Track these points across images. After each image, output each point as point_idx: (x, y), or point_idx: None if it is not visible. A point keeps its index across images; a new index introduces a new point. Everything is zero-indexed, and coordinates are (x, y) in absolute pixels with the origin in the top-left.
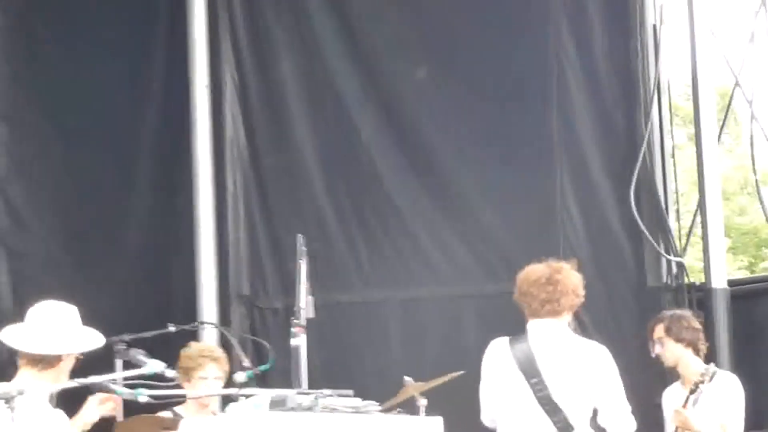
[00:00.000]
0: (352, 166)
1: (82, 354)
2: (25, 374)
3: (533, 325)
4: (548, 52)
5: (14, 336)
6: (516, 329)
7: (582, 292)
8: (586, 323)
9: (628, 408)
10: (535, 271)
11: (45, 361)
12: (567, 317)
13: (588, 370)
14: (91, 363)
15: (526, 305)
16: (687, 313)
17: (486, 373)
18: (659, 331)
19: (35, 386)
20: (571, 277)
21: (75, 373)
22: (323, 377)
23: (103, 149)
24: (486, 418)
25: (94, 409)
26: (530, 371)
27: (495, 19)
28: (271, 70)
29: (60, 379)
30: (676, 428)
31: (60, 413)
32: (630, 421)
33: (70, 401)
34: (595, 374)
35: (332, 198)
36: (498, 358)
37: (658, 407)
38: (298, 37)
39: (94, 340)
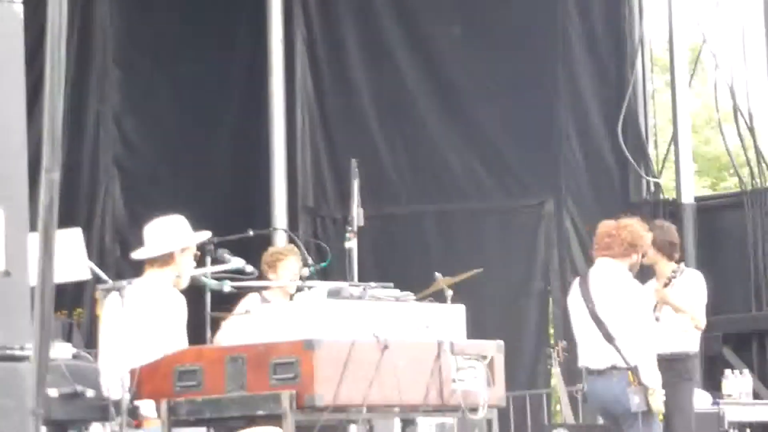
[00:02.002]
0: (398, 106)
1: (198, 251)
2: (148, 272)
3: (597, 262)
4: (556, 15)
5: (138, 251)
6: (523, 238)
7: (640, 243)
8: (581, 231)
9: (645, 334)
10: (605, 224)
11: (161, 260)
12: (624, 261)
13: (618, 297)
14: None
15: (596, 246)
16: (672, 227)
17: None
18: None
19: (157, 278)
20: (628, 233)
21: None
22: (375, 274)
23: (200, 90)
24: None
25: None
26: (585, 294)
27: None
28: (334, 28)
29: (184, 273)
30: (656, 303)
31: (177, 297)
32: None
33: None
34: (622, 302)
35: (382, 131)
36: (573, 287)
37: None
38: (356, 2)
39: (187, 237)
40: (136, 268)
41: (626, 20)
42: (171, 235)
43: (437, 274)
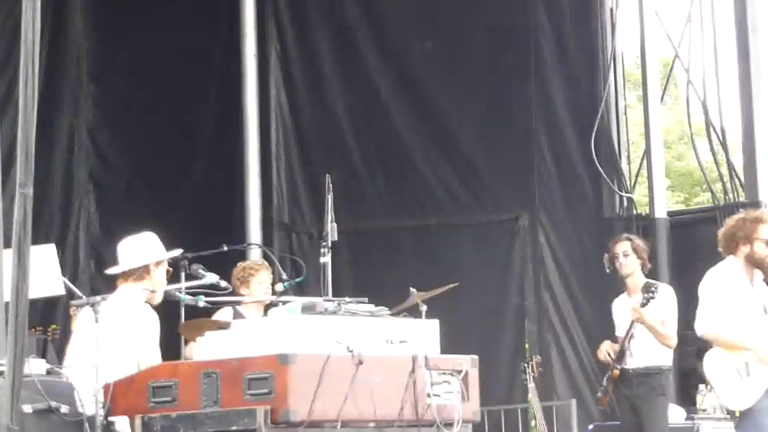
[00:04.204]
0: (373, 119)
1: (170, 266)
2: (122, 288)
3: None
4: (529, 31)
5: (112, 268)
6: (498, 252)
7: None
8: (555, 246)
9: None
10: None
11: (134, 275)
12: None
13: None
14: None
15: None
16: (642, 239)
17: None
18: (625, 246)
19: (130, 293)
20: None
21: None
22: (350, 289)
23: (175, 105)
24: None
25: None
26: None
27: (487, 3)
28: (308, 44)
29: (158, 288)
30: (628, 331)
31: (150, 312)
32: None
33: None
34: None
35: (357, 146)
36: None
37: (610, 312)
38: (330, 16)
39: (160, 253)
40: (111, 284)
41: (598, 36)
42: (144, 250)
43: (412, 289)
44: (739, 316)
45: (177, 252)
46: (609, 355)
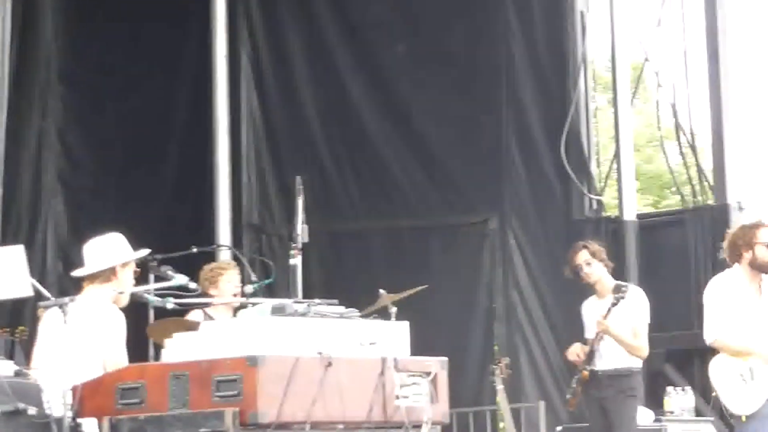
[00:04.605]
0: (344, 120)
1: (138, 267)
2: (89, 289)
3: None
4: (499, 34)
5: (79, 269)
6: (468, 255)
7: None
8: (525, 248)
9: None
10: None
11: (102, 276)
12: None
13: None
14: None
15: None
16: (594, 241)
17: None
18: (584, 255)
19: (96, 294)
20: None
21: None
22: (320, 290)
23: (145, 106)
24: None
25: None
26: None
27: (458, 6)
28: (279, 45)
29: (125, 289)
30: (598, 333)
31: (116, 314)
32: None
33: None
34: None
35: (328, 147)
36: None
37: (579, 314)
38: (302, 17)
39: (127, 254)
40: (79, 286)
41: (569, 39)
42: (111, 252)
43: (381, 291)
44: (743, 322)
45: (144, 253)
46: (578, 357)
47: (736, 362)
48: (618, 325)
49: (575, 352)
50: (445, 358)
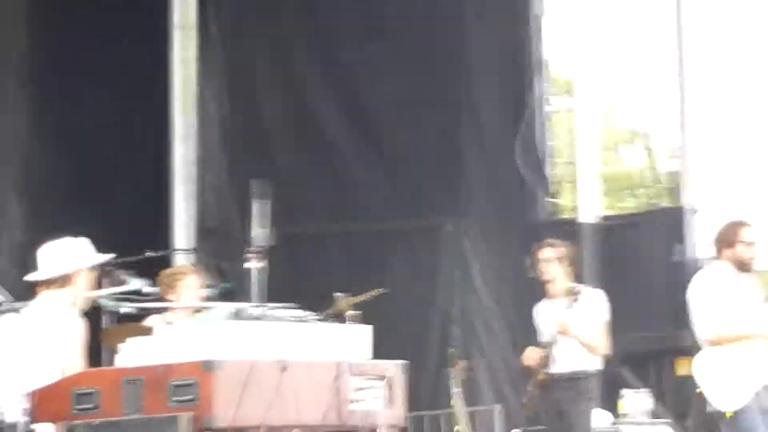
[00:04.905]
0: (302, 124)
1: (97, 272)
2: (45, 294)
3: None
4: (456, 36)
5: (34, 273)
6: (425, 258)
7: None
8: (481, 251)
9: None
10: None
11: (58, 281)
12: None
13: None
14: None
15: None
16: (567, 245)
17: None
18: (548, 252)
19: (53, 299)
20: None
21: None
22: (278, 294)
23: (103, 111)
24: None
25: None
26: None
27: (416, 11)
28: (238, 47)
29: (81, 294)
30: (554, 335)
31: (75, 319)
32: None
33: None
34: None
35: (286, 151)
36: None
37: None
38: (262, 21)
39: (87, 258)
40: (34, 291)
41: (525, 42)
42: (66, 256)
43: (338, 295)
44: (736, 312)
45: (102, 257)
46: (534, 360)
47: (721, 358)
48: (576, 325)
49: (530, 356)
50: (402, 361)
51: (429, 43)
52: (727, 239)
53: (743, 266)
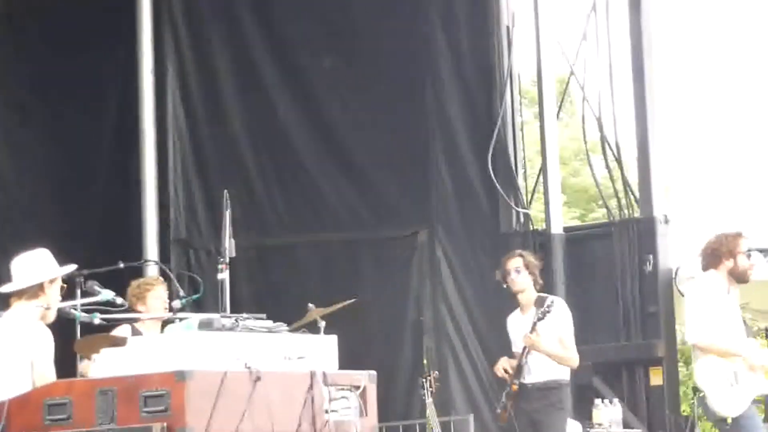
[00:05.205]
0: (271, 135)
1: (64, 283)
2: (15, 305)
3: None
4: (426, 48)
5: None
6: (397, 268)
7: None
8: (453, 261)
9: None
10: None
11: (29, 292)
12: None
13: None
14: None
15: None
16: (533, 254)
17: None
18: (517, 262)
19: (24, 310)
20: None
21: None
22: (249, 305)
23: (72, 124)
24: None
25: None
26: None
27: (384, 21)
28: (205, 59)
29: (52, 305)
30: (525, 348)
31: (43, 330)
32: None
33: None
34: None
35: (256, 162)
36: None
37: (505, 327)
38: (228, 34)
39: (54, 269)
40: (6, 302)
41: (495, 53)
42: (38, 268)
43: (310, 305)
44: (725, 326)
45: (71, 268)
46: (506, 371)
47: (722, 364)
48: (545, 338)
49: (502, 366)
50: (374, 372)
51: (400, 55)
52: (728, 250)
53: (741, 277)
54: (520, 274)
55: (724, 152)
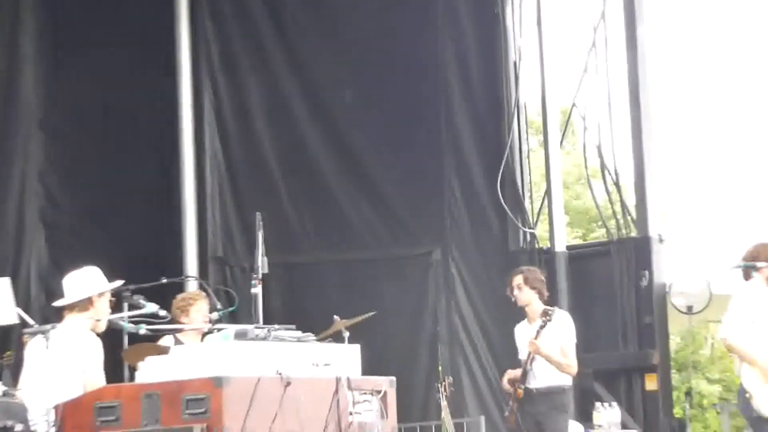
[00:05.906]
0: (300, 163)
1: (113, 297)
2: (68, 318)
3: None
4: (439, 82)
5: (59, 300)
6: (414, 284)
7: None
8: (466, 277)
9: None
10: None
11: (80, 306)
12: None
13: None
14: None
15: None
16: (536, 269)
17: None
18: (518, 279)
19: (76, 322)
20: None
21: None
22: (279, 317)
23: (117, 151)
24: None
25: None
26: None
27: (401, 61)
28: (239, 93)
29: (102, 317)
30: (530, 353)
31: (94, 339)
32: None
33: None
34: None
35: (285, 186)
36: None
37: (513, 336)
38: (260, 68)
39: (103, 284)
40: (60, 315)
41: (503, 86)
42: (87, 283)
43: (336, 317)
44: (761, 332)
45: (118, 284)
46: (512, 382)
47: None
48: (547, 345)
49: (507, 380)
50: (394, 378)
51: (414, 86)
52: (766, 257)
53: None
54: (521, 290)
55: (715, 176)
